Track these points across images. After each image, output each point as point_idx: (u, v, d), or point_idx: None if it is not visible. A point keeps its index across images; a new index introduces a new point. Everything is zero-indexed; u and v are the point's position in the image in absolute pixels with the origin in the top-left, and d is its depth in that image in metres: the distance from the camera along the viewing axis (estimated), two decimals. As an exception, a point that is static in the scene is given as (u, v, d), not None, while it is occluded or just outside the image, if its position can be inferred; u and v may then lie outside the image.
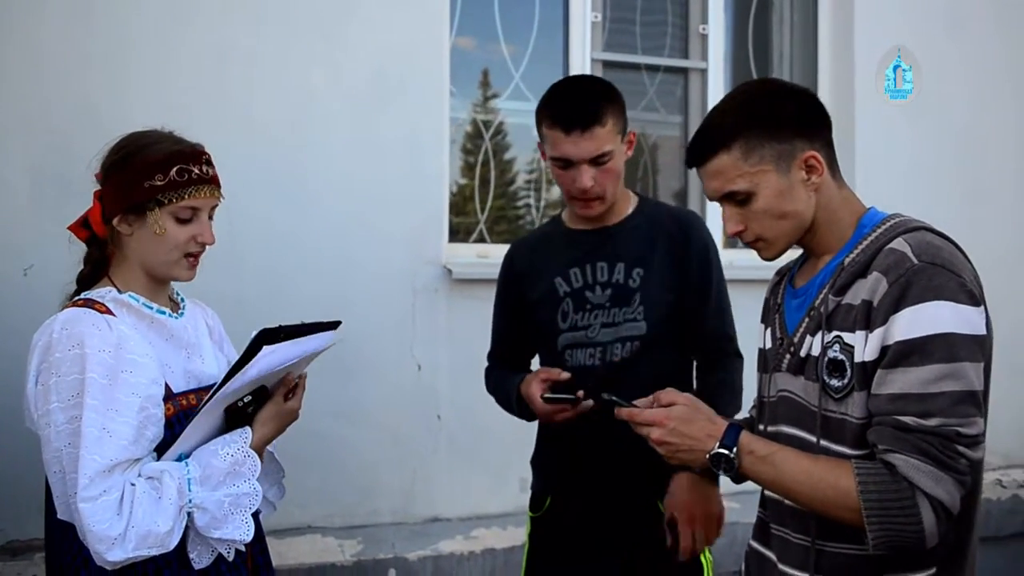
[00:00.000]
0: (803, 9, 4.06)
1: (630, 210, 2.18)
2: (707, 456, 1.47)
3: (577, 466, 2.15)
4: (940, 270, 1.36)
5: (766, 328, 1.67)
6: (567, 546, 2.18)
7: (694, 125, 3.90)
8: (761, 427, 1.63)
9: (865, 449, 1.40)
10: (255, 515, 1.69)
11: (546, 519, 2.23)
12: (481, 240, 3.60)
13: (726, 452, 1.45)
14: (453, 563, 3.08)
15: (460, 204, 3.59)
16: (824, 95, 3.77)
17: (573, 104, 2.00)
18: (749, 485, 1.60)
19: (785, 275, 1.69)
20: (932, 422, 1.32)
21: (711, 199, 1.58)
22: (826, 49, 3.99)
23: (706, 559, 2.16)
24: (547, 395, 1.96)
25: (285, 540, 2.97)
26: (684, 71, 3.94)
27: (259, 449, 1.67)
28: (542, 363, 2.25)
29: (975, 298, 1.37)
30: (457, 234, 3.52)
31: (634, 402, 1.58)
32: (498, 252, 3.55)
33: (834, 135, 1.57)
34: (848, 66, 3.86)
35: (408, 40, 3.20)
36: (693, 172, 4.04)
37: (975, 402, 1.34)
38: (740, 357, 2.20)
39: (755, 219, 1.52)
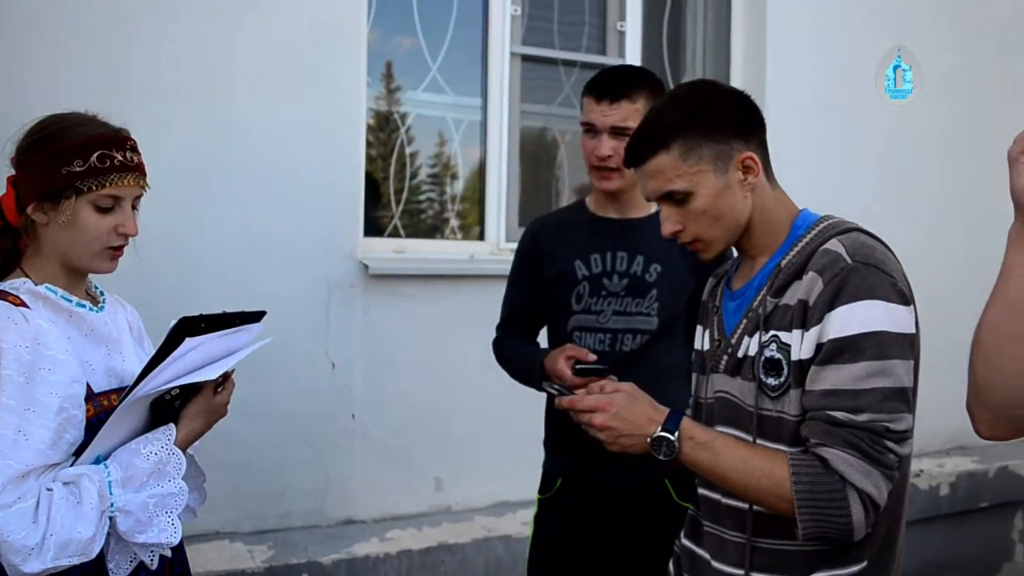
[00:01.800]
0: (716, 8, 4.11)
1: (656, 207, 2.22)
2: (648, 440, 1.48)
3: (589, 446, 2.16)
4: (873, 270, 1.39)
5: (704, 330, 1.68)
6: (574, 527, 2.22)
7: (610, 122, 3.91)
8: None
9: (802, 446, 1.42)
10: (174, 520, 1.59)
11: (555, 500, 2.27)
12: (396, 235, 3.53)
13: (668, 436, 1.46)
14: (368, 565, 3.01)
15: (373, 198, 3.51)
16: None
17: (611, 77, 2.17)
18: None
19: (722, 278, 1.71)
20: (862, 417, 1.35)
21: (649, 199, 1.61)
22: (738, 49, 4.06)
23: None
24: (580, 366, 1.98)
25: (192, 547, 2.82)
26: (601, 67, 3.93)
27: (184, 446, 1.58)
28: (551, 340, 2.29)
29: (905, 297, 1.41)
30: (370, 229, 3.43)
31: (575, 392, 1.59)
32: (414, 247, 3.49)
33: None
34: (760, 66, 3.94)
35: (324, 28, 3.10)
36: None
37: (904, 399, 1.38)
38: None
39: (693, 219, 1.53)
